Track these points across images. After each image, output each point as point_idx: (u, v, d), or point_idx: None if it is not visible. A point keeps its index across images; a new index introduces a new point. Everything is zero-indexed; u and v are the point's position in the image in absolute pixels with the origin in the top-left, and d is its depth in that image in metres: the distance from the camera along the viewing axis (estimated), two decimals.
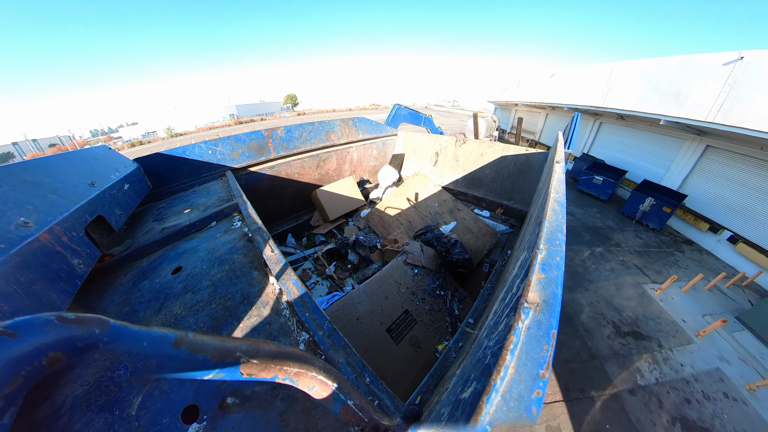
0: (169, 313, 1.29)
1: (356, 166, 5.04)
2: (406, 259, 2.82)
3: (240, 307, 1.32)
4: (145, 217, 2.27)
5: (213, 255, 1.69)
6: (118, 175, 2.11)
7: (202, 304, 1.33)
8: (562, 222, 1.14)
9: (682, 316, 5.28)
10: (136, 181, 2.34)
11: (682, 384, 4.11)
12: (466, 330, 1.85)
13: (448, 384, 1.07)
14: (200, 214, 2.15)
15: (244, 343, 0.57)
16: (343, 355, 1.09)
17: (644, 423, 3.61)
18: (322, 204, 4.20)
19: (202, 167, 3.06)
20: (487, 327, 1.11)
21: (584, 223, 8.86)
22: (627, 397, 3.90)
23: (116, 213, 1.86)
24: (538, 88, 15.83)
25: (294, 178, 4.10)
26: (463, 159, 4.62)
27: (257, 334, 1.19)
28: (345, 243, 3.68)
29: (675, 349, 4.66)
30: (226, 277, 1.50)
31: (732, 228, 7.27)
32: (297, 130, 4.01)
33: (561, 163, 1.84)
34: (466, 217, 3.84)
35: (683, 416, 3.70)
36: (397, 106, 5.50)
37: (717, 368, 4.36)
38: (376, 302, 2.32)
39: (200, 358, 0.50)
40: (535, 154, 3.81)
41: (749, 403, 3.87)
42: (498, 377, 0.58)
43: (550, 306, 0.73)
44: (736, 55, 6.49)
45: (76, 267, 1.30)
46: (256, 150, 3.56)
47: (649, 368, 4.33)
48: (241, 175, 3.42)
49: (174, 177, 2.86)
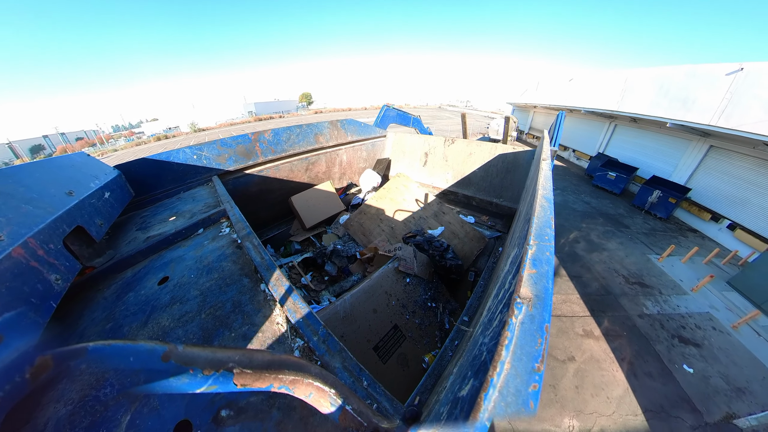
0: (156, 325, 1.25)
1: (346, 169, 5.03)
2: (399, 266, 2.59)
3: (231, 316, 1.29)
4: (128, 227, 2.19)
5: (201, 263, 1.64)
6: (97, 182, 2.02)
7: (191, 314, 1.29)
8: (551, 218, 1.17)
9: (680, 277, 6.61)
10: (117, 188, 2.25)
11: (678, 317, 5.47)
12: (462, 328, 1.86)
13: (446, 383, 1.08)
14: (186, 221, 2.09)
15: (236, 353, 0.56)
16: (339, 359, 1.08)
17: (651, 335, 5.04)
18: (297, 211, 3.99)
19: (187, 173, 2.98)
20: (482, 324, 1.13)
21: (598, 209, 10.25)
22: (636, 318, 5.39)
23: (97, 223, 1.78)
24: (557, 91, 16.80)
25: (283, 182, 4.04)
26: (453, 159, 4.68)
27: (250, 343, 1.17)
28: (322, 253, 3.41)
29: (673, 296, 6.01)
30: (215, 285, 1.46)
31: (731, 217, 8.30)
32: (285, 133, 3.96)
33: (547, 160, 1.89)
34: (452, 221, 3.69)
35: (680, 335, 5.08)
36: (385, 107, 5.53)
37: (707, 312, 5.60)
38: (363, 317, 2.11)
39: (191, 370, 0.49)
40: (522, 152, 3.90)
41: (732, 334, 5.12)
42: (494, 373, 0.59)
43: (542, 300, 0.74)
44: (737, 66, 7.44)
45: (53, 283, 1.24)
46: (243, 154, 3.50)
47: (652, 305, 5.75)
48: (228, 180, 3.35)
49: (158, 184, 2.77)
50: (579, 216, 9.89)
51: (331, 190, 4.43)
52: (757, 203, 7.79)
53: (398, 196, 4.12)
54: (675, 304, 5.78)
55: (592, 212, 10.04)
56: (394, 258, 2.71)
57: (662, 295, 6.03)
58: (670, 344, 4.91)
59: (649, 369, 4.52)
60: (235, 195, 2.75)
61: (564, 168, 15.73)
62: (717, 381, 4.37)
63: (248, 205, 3.47)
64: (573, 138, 17.07)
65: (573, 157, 17.00)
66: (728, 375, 4.46)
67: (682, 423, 3.83)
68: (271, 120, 49.81)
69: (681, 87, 9.01)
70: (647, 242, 8.17)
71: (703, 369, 4.54)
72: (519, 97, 21.76)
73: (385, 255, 2.90)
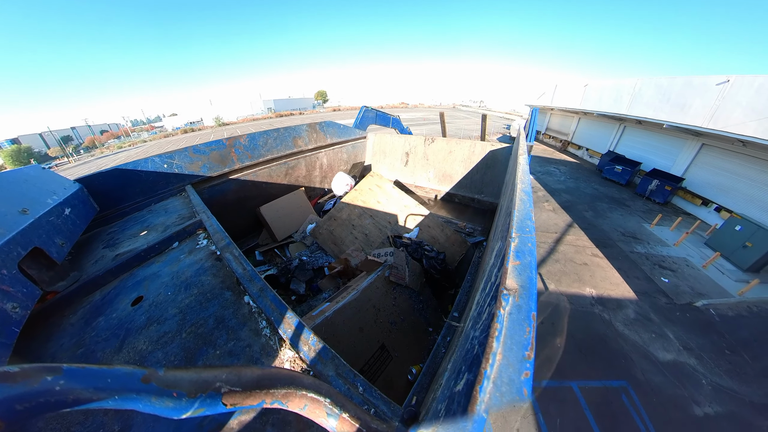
0: (132, 350, 1.17)
1: (327, 172, 4.97)
2: (390, 275, 2.32)
3: (214, 332, 1.23)
4: (94, 244, 2.04)
5: (178, 279, 1.56)
6: (56, 198, 1.87)
7: (171, 335, 1.22)
8: (531, 210, 1.22)
9: (665, 238, 9.07)
10: (79, 203, 2.09)
11: (660, 257, 8.06)
12: (452, 324, 1.90)
13: (441, 380, 1.09)
14: (159, 235, 1.98)
15: (223, 371, 0.53)
16: (332, 367, 1.06)
17: (638, 261, 7.81)
18: (268, 223, 3.64)
19: (157, 183, 2.82)
20: (472, 318, 1.15)
21: (605, 194, 12.79)
22: (629, 253, 8.21)
23: (57, 243, 1.64)
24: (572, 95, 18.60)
25: (262, 188, 3.93)
26: (433, 157, 4.75)
27: (237, 359, 1.12)
28: (286, 269, 2.89)
29: (658, 246, 8.61)
30: (195, 301, 1.40)
31: (717, 201, 10.37)
32: (261, 137, 3.85)
33: (524, 155, 1.96)
34: (431, 225, 3.41)
35: (660, 264, 7.74)
36: (364, 108, 5.52)
37: (684, 258, 8.07)
38: (348, 337, 1.87)
39: (174, 394, 0.46)
40: (500, 148, 4.03)
41: (701, 270, 7.57)
42: (487, 365, 0.60)
43: (527, 290, 0.77)
44: (725, 78, 9.19)
45: (10, 312, 1.13)
46: (218, 161, 3.37)
47: (641, 248, 8.47)
48: (203, 189, 3.21)
49: (125, 196, 2.60)
50: (588, 197, 12.35)
51: (303, 199, 4.12)
52: (738, 189, 9.81)
53: (371, 197, 3.77)
54: (659, 250, 8.36)
55: (600, 195, 12.58)
56: (384, 265, 2.45)
57: (649, 244, 8.65)
58: (652, 267, 7.56)
59: (637, 275, 7.26)
60: (211, 204, 2.63)
61: (577, 164, 17.81)
62: (684, 288, 6.83)
63: (226, 215, 3.34)
64: (586, 138, 19.10)
65: (586, 155, 18.86)
66: (693, 287, 6.90)
67: (659, 300, 6.44)
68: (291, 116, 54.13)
69: (679, 94, 10.92)
70: (643, 216, 10.61)
71: (675, 282, 6.99)
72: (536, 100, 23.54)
73: (374, 261, 2.63)
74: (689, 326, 5.79)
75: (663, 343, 5.41)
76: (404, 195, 3.83)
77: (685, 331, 5.67)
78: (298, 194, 4.17)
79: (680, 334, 5.61)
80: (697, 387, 4.63)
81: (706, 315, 6.05)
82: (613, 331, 5.61)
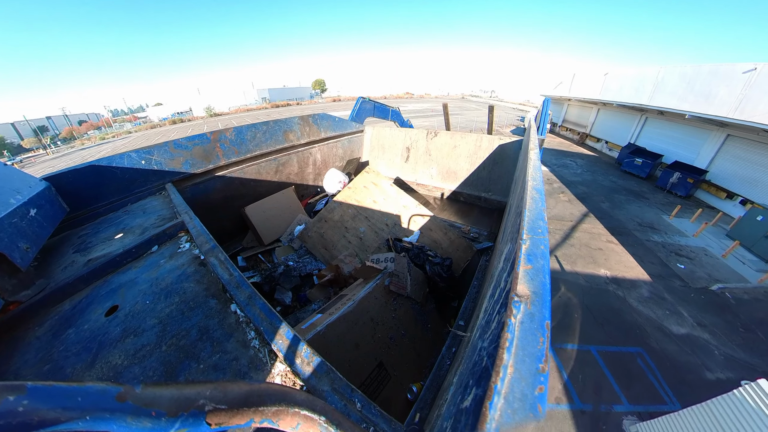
0: (106, 365, 1.15)
1: (321, 169, 4.96)
2: (390, 284, 2.27)
3: (198, 344, 1.22)
4: (64, 249, 2.02)
5: (157, 286, 1.55)
6: (19, 198, 1.84)
7: (149, 348, 1.21)
8: (543, 210, 1.22)
9: (684, 229, 9.66)
10: (46, 204, 2.07)
11: (677, 246, 8.72)
12: (458, 333, 1.89)
13: (446, 394, 1.08)
14: (137, 238, 1.96)
15: (207, 387, 0.52)
16: (327, 382, 1.06)
17: (654, 250, 8.48)
18: (254, 225, 3.56)
19: (134, 181, 2.79)
20: (479, 327, 1.15)
21: (623, 187, 13.37)
22: (645, 241, 8.90)
23: (21, 247, 1.62)
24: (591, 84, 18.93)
25: (250, 186, 3.91)
26: (436, 152, 4.76)
27: (223, 374, 1.11)
28: (270, 276, 2.81)
29: (676, 236, 9.23)
30: (176, 311, 1.38)
31: (743, 194, 10.75)
32: (249, 131, 3.84)
33: (535, 149, 1.97)
34: (433, 227, 3.30)
35: (677, 252, 8.41)
36: (360, 99, 5.52)
37: (703, 247, 8.63)
38: (343, 354, 1.81)
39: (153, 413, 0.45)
40: (509, 142, 4.05)
41: (720, 259, 8.11)
42: (498, 379, 0.59)
43: (540, 296, 0.77)
44: (752, 65, 9.43)
45: None
46: (202, 157, 3.35)
47: (658, 237, 9.12)
48: (186, 188, 3.19)
49: (98, 195, 2.58)
50: (606, 190, 12.91)
51: (294, 198, 4.05)
52: (765, 181, 10.18)
53: (367, 196, 3.65)
54: (677, 239, 8.97)
55: (618, 188, 13.22)
56: (384, 272, 2.38)
57: (667, 234, 9.29)
58: (668, 254, 8.24)
59: (652, 260, 7.94)
60: (194, 204, 2.61)
61: (595, 157, 18.50)
62: (701, 274, 7.44)
63: (211, 215, 3.32)
64: (606, 130, 19.49)
65: (605, 148, 19.27)
66: (711, 273, 7.46)
67: (673, 283, 7.10)
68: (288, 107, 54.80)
69: (704, 83, 11.22)
70: (662, 208, 11.14)
71: (692, 268, 7.66)
72: (553, 90, 23.94)
73: (373, 267, 2.57)
74: (703, 306, 6.35)
75: (677, 319, 5.99)
76: (403, 194, 3.76)
77: (700, 311, 6.21)
78: (287, 193, 4.10)
79: (694, 312, 6.18)
80: (709, 356, 5.23)
81: (722, 297, 6.60)
82: (628, 307, 6.33)
